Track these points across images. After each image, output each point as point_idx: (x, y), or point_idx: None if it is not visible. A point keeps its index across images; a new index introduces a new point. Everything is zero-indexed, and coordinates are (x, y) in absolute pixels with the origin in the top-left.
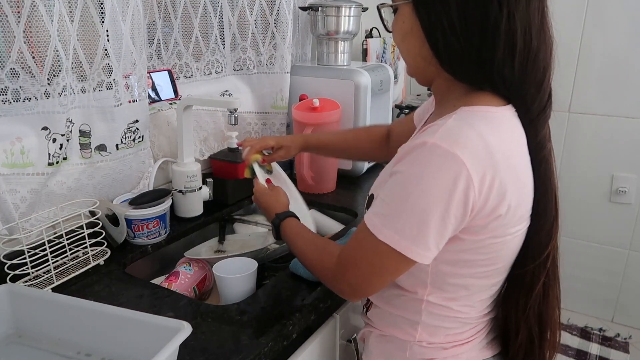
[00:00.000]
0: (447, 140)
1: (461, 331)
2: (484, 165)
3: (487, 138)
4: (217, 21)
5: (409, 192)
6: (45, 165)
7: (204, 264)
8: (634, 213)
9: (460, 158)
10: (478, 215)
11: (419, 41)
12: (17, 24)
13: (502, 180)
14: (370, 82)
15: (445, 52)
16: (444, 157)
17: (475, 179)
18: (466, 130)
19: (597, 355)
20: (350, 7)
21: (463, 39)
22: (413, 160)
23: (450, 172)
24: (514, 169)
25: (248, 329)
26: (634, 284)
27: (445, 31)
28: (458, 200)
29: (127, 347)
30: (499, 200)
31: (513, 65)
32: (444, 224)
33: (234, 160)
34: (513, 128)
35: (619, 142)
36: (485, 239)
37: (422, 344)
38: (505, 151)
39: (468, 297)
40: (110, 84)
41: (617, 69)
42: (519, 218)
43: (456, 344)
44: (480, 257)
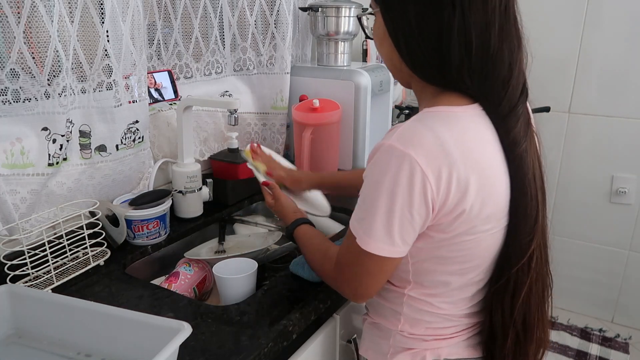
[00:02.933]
0: (401, 140)
1: (442, 326)
2: (439, 163)
3: (443, 136)
4: (217, 22)
5: (373, 195)
6: (45, 165)
7: (204, 264)
8: (634, 214)
9: (413, 157)
10: (441, 212)
11: (390, 46)
12: (17, 25)
13: (462, 176)
14: (370, 83)
15: (408, 56)
16: (399, 157)
17: (430, 176)
18: (420, 129)
19: (597, 355)
20: (350, 7)
21: (422, 41)
22: (374, 163)
23: (406, 172)
24: (476, 164)
25: (248, 330)
26: (634, 285)
27: (406, 35)
28: (417, 198)
29: (127, 348)
30: (461, 196)
31: (470, 64)
32: (408, 221)
33: (234, 160)
34: (476, 126)
35: (619, 143)
36: (455, 236)
37: (404, 334)
38: (465, 148)
39: (448, 293)
40: (110, 84)
41: (616, 70)
42: (488, 216)
43: (437, 338)
44: (454, 254)
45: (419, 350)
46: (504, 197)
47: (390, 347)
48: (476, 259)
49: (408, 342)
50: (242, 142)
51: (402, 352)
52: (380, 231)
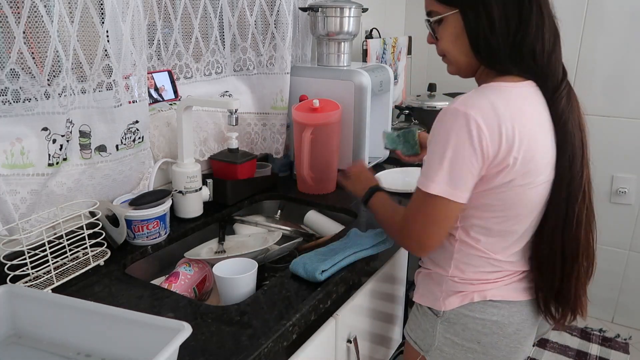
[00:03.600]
0: (462, 104)
1: (489, 270)
2: (491, 119)
3: (494, 101)
4: (217, 22)
5: (438, 149)
6: (45, 166)
7: (203, 264)
8: (634, 214)
9: (471, 114)
10: (493, 163)
11: (465, 43)
12: (17, 25)
13: (509, 132)
14: (370, 83)
15: (486, 50)
16: (459, 115)
17: (485, 130)
18: (476, 97)
19: (597, 355)
20: (351, 7)
21: (502, 33)
22: (438, 124)
23: (465, 125)
24: (522, 126)
25: (248, 330)
26: (634, 285)
27: (486, 30)
28: (475, 146)
29: (127, 348)
30: (508, 149)
31: (543, 47)
32: (469, 167)
33: (234, 160)
34: (526, 96)
35: (619, 143)
36: (496, 187)
37: (455, 279)
38: (513, 113)
39: (491, 239)
40: (110, 84)
41: (616, 70)
42: (527, 171)
43: (483, 282)
44: (496, 203)
45: (468, 292)
46: (545, 157)
47: (442, 292)
48: (517, 208)
49: (457, 286)
50: (242, 142)
51: (453, 295)
52: (444, 177)
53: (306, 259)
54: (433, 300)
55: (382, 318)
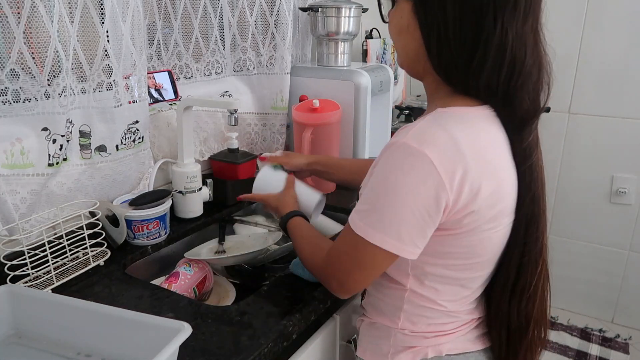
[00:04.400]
0: (416, 139)
1: (443, 322)
2: (453, 163)
3: (457, 136)
4: (217, 22)
5: (383, 190)
6: (45, 166)
7: (203, 264)
8: (634, 214)
9: (428, 157)
10: (452, 212)
11: (414, 38)
12: (17, 25)
13: (474, 176)
14: (370, 83)
15: (437, 55)
16: (413, 155)
17: (444, 177)
18: (435, 129)
19: (597, 356)
20: (351, 7)
21: (455, 44)
22: (386, 159)
23: (420, 171)
24: (488, 166)
25: (248, 330)
26: (634, 285)
27: (440, 34)
28: (428, 197)
29: (127, 348)
30: (472, 197)
31: (499, 78)
32: (418, 219)
33: (234, 161)
34: (489, 127)
35: (618, 143)
36: (460, 234)
37: (405, 332)
38: (477, 149)
39: (449, 288)
40: (110, 84)
41: (616, 70)
42: (496, 214)
43: (438, 334)
44: (458, 250)
45: (421, 347)
46: (510, 197)
47: (390, 347)
48: (480, 256)
49: (409, 340)
50: (242, 142)
51: (404, 350)
52: (386, 224)
53: None
54: (380, 356)
55: None
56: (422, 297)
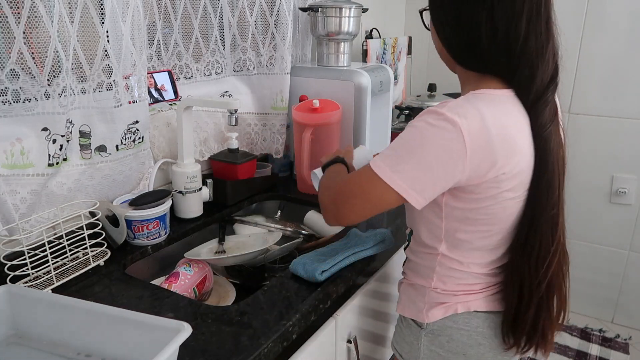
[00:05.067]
0: (450, 111)
1: (471, 282)
2: (477, 134)
3: (484, 113)
4: (217, 22)
5: (411, 142)
6: (45, 166)
7: (204, 264)
8: (634, 214)
9: (459, 125)
10: (472, 176)
11: (438, 38)
12: (17, 25)
13: (496, 150)
14: (370, 83)
15: (448, 45)
16: (447, 121)
17: (468, 145)
18: (468, 106)
19: (597, 356)
20: (351, 8)
21: (458, 31)
22: (422, 120)
23: (450, 135)
24: (509, 140)
25: (248, 330)
26: (634, 285)
27: (446, 27)
28: (448, 159)
29: (127, 348)
30: (490, 166)
31: (498, 49)
32: (434, 174)
33: (234, 161)
34: (513, 107)
35: (619, 143)
36: (483, 199)
37: (437, 290)
38: (500, 125)
39: (474, 253)
40: (110, 84)
41: (616, 70)
42: (516, 185)
43: (466, 293)
44: (483, 217)
45: (451, 304)
46: (529, 170)
47: (425, 304)
48: (499, 223)
49: (440, 298)
50: (242, 142)
51: (436, 306)
52: (406, 171)
53: (306, 259)
54: (416, 312)
55: (382, 318)
56: (451, 260)
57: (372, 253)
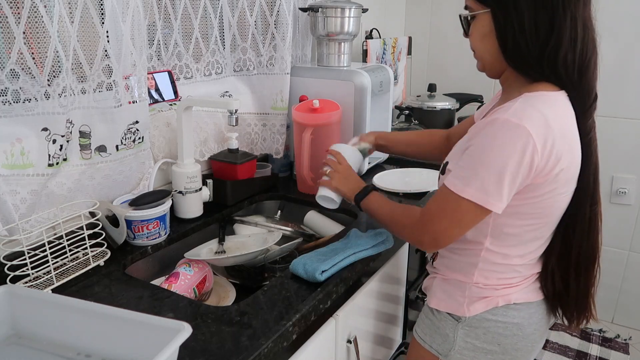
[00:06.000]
0: (516, 116)
1: (511, 276)
2: (545, 135)
3: (547, 114)
4: (217, 22)
5: (486, 158)
6: (45, 166)
7: (203, 265)
8: (634, 214)
9: (527, 129)
10: (539, 175)
11: (494, 42)
12: (17, 25)
13: (558, 146)
14: (370, 83)
15: (513, 51)
16: (514, 128)
17: (538, 145)
18: (530, 109)
19: (597, 356)
20: (351, 8)
21: (531, 38)
22: (487, 133)
23: (521, 140)
24: (567, 138)
25: (248, 330)
26: (634, 285)
27: (516, 33)
28: (526, 162)
29: (127, 348)
30: (555, 163)
31: (574, 59)
32: (514, 181)
33: (234, 161)
34: (566, 107)
35: (618, 143)
36: (540, 195)
37: (479, 285)
38: (560, 124)
39: (519, 246)
40: (110, 85)
41: (616, 71)
42: (567, 180)
43: (506, 286)
44: (533, 211)
45: (492, 297)
46: (578, 167)
47: (465, 298)
48: (548, 216)
49: (482, 292)
50: (242, 142)
51: (477, 300)
52: (491, 187)
53: (306, 259)
54: (456, 306)
55: (382, 318)
56: (496, 255)
57: (372, 253)
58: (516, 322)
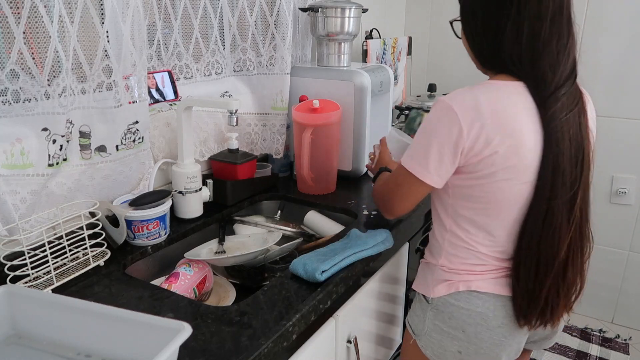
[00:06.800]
0: (449, 97)
1: (474, 263)
2: (472, 117)
3: (480, 99)
4: (217, 22)
5: (422, 133)
6: (45, 166)
7: (203, 265)
8: (634, 214)
9: (454, 110)
10: (469, 155)
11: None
12: (17, 25)
13: (489, 131)
14: (370, 83)
15: (473, 48)
16: (445, 108)
17: (464, 126)
18: (466, 93)
19: (597, 356)
20: (351, 8)
21: (484, 35)
22: (430, 112)
23: (447, 119)
24: (505, 123)
25: (248, 330)
26: (634, 285)
27: (473, 32)
28: (451, 140)
29: (127, 348)
30: (484, 146)
31: (520, 53)
32: (441, 155)
33: (234, 161)
34: (517, 96)
35: (618, 143)
36: (480, 177)
37: (443, 268)
38: (497, 110)
39: (479, 233)
40: (110, 85)
41: (616, 71)
42: (511, 166)
43: (469, 273)
44: (480, 194)
45: (454, 282)
46: (531, 156)
47: (432, 280)
48: (497, 203)
49: (445, 275)
50: (242, 142)
51: (441, 283)
52: (421, 158)
53: (306, 259)
54: (425, 287)
55: (382, 318)
56: (457, 237)
57: (372, 253)
58: (479, 312)
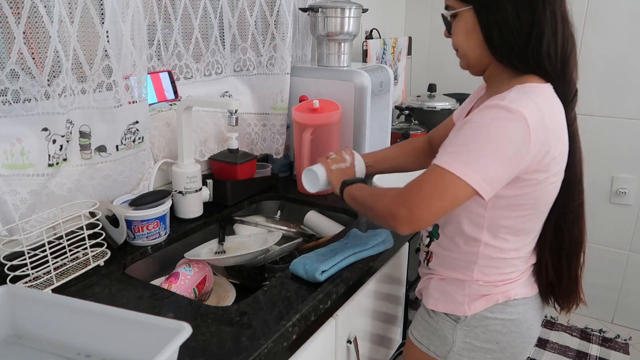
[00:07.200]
0: (514, 103)
1: (509, 271)
2: (539, 124)
3: (539, 104)
4: (217, 22)
5: (479, 137)
6: (45, 166)
7: (204, 265)
8: (634, 214)
9: (524, 116)
10: (531, 163)
11: (477, 38)
12: (17, 25)
13: (550, 138)
14: (370, 83)
15: (500, 46)
16: (513, 114)
17: (533, 135)
18: (525, 98)
19: (597, 356)
20: (351, 8)
21: (515, 32)
22: (485, 114)
23: (516, 126)
24: (556, 129)
25: (248, 330)
26: (634, 285)
27: (501, 28)
28: (517, 149)
29: (127, 348)
30: (546, 152)
31: (556, 50)
32: (504, 166)
33: (234, 161)
34: (553, 99)
35: (618, 144)
36: (533, 185)
37: (479, 283)
38: (552, 116)
39: (513, 239)
40: (110, 85)
41: (616, 71)
42: (557, 171)
43: (506, 282)
44: (527, 202)
45: (492, 294)
46: (566, 157)
47: (465, 297)
48: (540, 207)
49: (482, 290)
50: (242, 142)
51: (478, 298)
52: (479, 165)
53: (306, 260)
54: (455, 305)
55: (382, 318)
56: (493, 249)
57: (372, 253)
58: (513, 319)
